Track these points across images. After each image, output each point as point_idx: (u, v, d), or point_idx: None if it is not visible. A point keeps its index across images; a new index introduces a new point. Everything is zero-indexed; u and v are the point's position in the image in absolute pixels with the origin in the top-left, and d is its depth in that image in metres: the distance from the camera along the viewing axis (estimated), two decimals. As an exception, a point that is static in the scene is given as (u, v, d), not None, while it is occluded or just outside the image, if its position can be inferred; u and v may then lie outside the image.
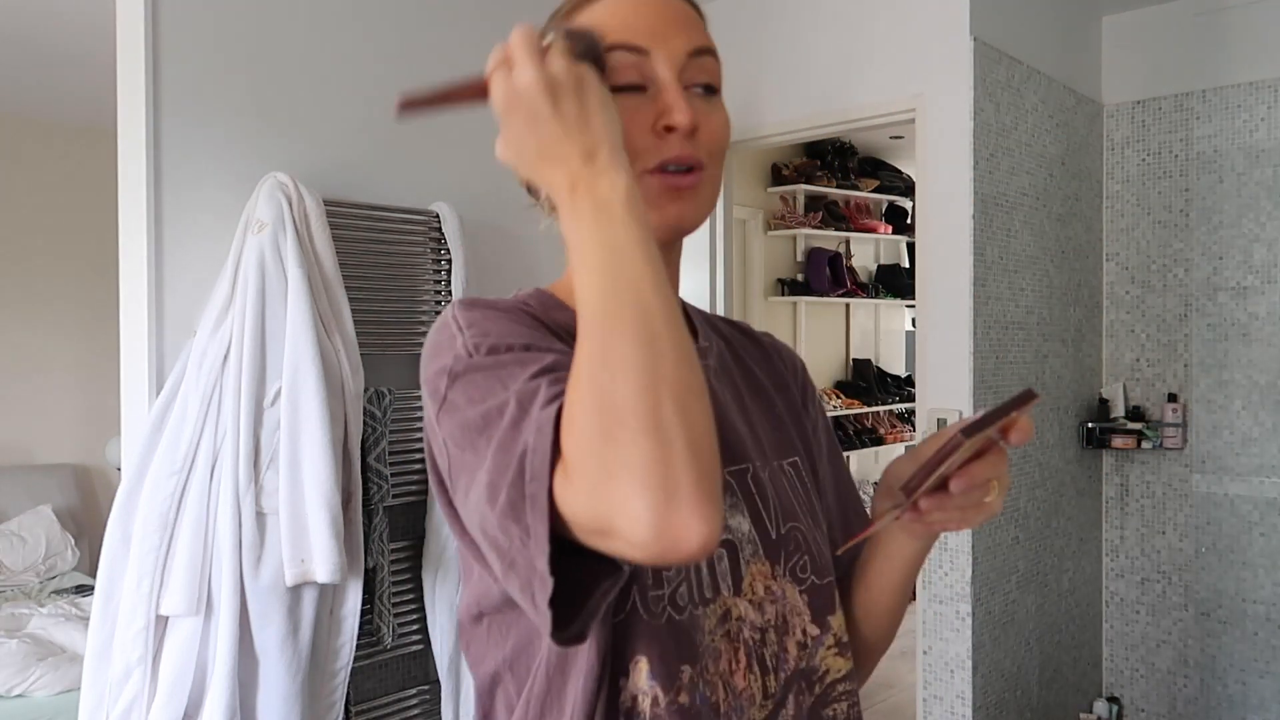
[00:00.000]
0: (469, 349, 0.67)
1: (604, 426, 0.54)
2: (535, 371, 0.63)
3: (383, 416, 2.21)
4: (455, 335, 0.69)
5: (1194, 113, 3.30)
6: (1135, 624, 3.42)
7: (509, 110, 0.63)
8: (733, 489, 0.77)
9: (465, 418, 0.64)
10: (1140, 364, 3.42)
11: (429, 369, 0.70)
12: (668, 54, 0.74)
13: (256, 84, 2.15)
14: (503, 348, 0.66)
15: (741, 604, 0.75)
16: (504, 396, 0.62)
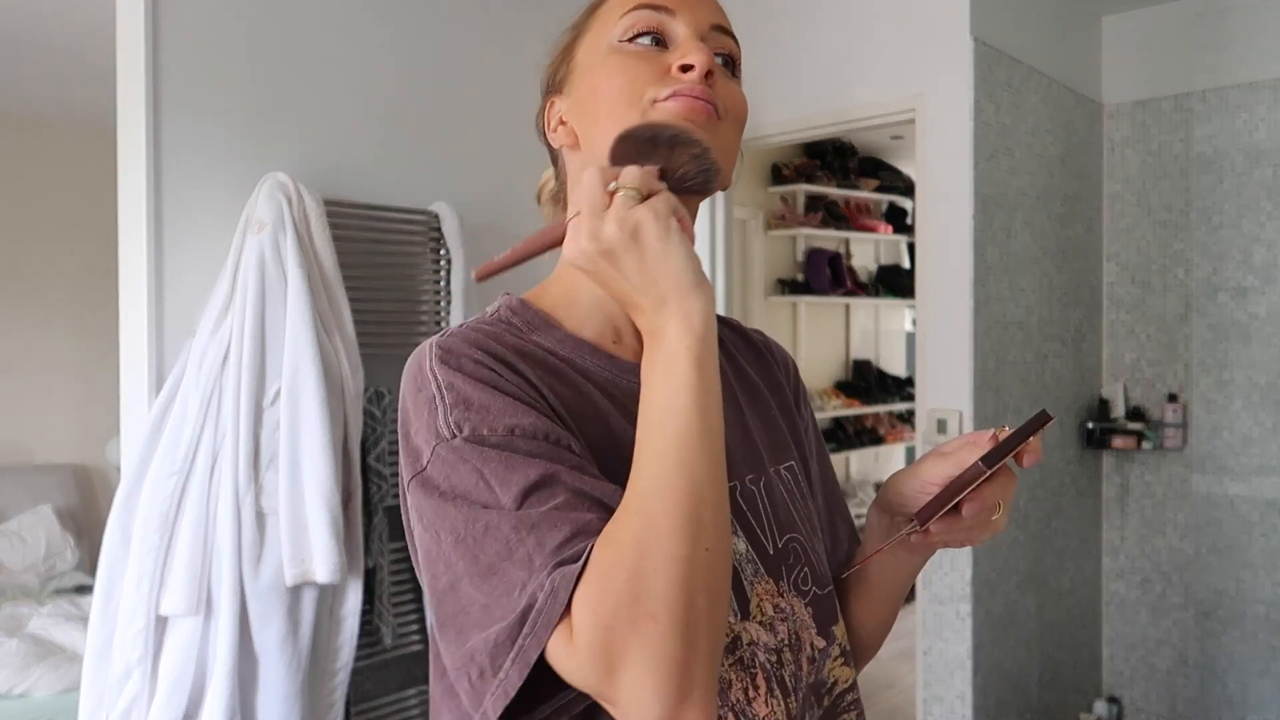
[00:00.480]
0: (450, 428, 0.64)
1: (632, 613, 0.54)
2: (525, 489, 0.61)
3: (383, 416, 2.21)
4: (435, 401, 0.65)
5: (1194, 113, 3.30)
6: (1135, 624, 3.42)
7: (582, 269, 0.65)
8: None
9: (451, 518, 0.62)
10: (1140, 364, 3.42)
11: (405, 424, 0.68)
12: (692, 19, 0.75)
13: (256, 84, 2.15)
14: (486, 436, 0.63)
15: (752, 628, 0.72)
16: (494, 517, 0.61)
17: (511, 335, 0.73)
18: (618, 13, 0.76)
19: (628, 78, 0.73)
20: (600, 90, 0.74)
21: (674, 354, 0.60)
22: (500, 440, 0.63)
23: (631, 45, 0.74)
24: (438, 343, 0.69)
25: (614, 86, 0.73)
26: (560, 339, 0.75)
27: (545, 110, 0.82)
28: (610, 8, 0.77)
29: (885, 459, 6.12)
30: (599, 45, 0.76)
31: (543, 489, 0.61)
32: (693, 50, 0.72)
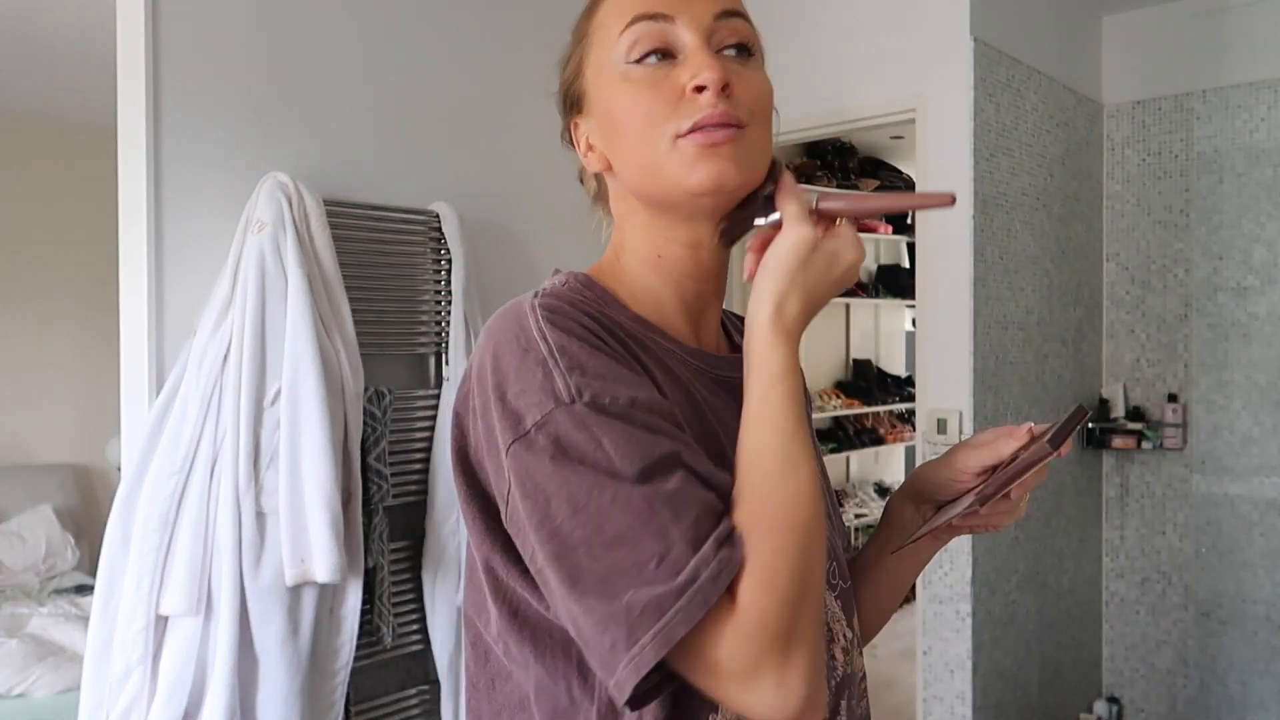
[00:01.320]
0: (570, 391, 0.63)
1: (802, 602, 0.60)
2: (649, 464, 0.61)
3: (383, 416, 2.21)
4: (549, 363, 0.64)
5: (1194, 113, 3.30)
6: (1135, 624, 3.42)
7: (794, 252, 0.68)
8: None
9: (570, 484, 0.61)
10: (1140, 364, 3.42)
11: (499, 385, 0.66)
12: (692, 18, 0.72)
13: (256, 84, 2.15)
14: (607, 405, 0.63)
15: None
16: (621, 487, 0.61)
17: (593, 307, 0.72)
18: (617, 27, 0.73)
19: (642, 113, 0.71)
20: (619, 124, 0.73)
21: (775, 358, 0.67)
22: (621, 410, 0.63)
23: (639, 68, 0.72)
24: (540, 304, 0.68)
25: (633, 123, 0.72)
26: (632, 318, 0.75)
27: (570, 129, 0.81)
28: (607, 19, 0.74)
29: (885, 459, 6.12)
30: (606, 64, 0.74)
31: (664, 466, 0.61)
32: (703, 66, 0.70)
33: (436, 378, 2.43)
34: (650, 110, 0.71)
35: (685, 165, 0.70)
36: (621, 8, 0.73)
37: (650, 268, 0.77)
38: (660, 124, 0.70)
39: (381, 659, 2.29)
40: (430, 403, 2.37)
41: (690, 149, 0.70)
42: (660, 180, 0.72)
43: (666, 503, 0.60)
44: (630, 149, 0.73)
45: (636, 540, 0.59)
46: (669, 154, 0.70)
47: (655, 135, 0.70)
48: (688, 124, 0.69)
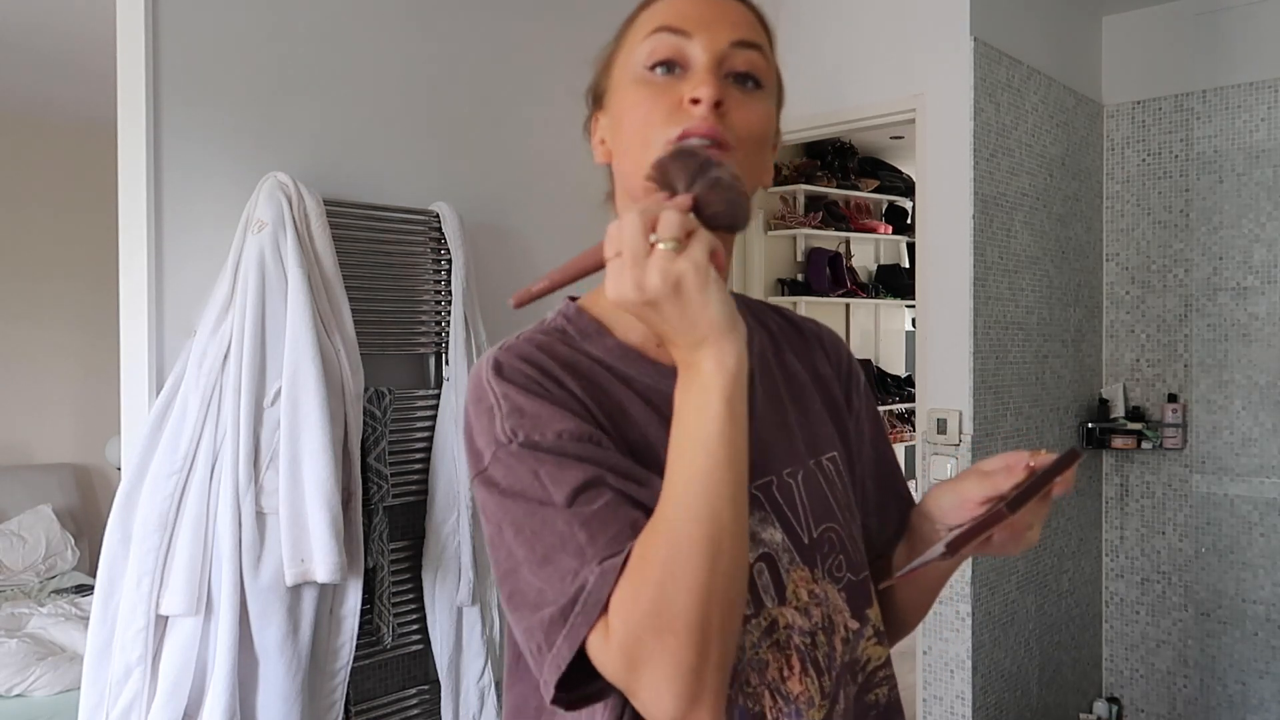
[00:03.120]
0: (507, 433, 0.71)
1: (656, 625, 0.62)
2: (575, 489, 0.68)
3: (383, 416, 2.21)
4: (494, 411, 0.72)
5: (1194, 113, 3.30)
6: (1135, 624, 3.42)
7: (624, 309, 0.67)
8: (760, 503, 0.79)
9: (511, 511, 0.70)
10: (1140, 364, 3.42)
11: (468, 429, 0.75)
12: (709, 40, 0.76)
13: (257, 84, 2.15)
14: (538, 441, 0.70)
15: (789, 612, 0.78)
16: (549, 513, 0.68)
17: (564, 345, 0.79)
18: (643, 33, 0.78)
19: (641, 115, 0.76)
20: (623, 123, 0.79)
21: (707, 389, 0.65)
22: (551, 444, 0.70)
23: (651, 75, 0.77)
24: (494, 356, 0.76)
25: (632, 123, 0.77)
26: (609, 347, 0.80)
27: (591, 122, 0.86)
28: (639, 25, 0.80)
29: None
30: (627, 66, 0.79)
31: (591, 489, 0.68)
32: (701, 82, 0.74)
33: (436, 378, 2.43)
34: (649, 113, 0.76)
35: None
36: (651, 17, 0.78)
37: None
38: (655, 128, 0.75)
39: (381, 659, 2.29)
40: (430, 403, 2.37)
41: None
42: (639, 180, 0.74)
43: (586, 523, 0.67)
44: (626, 146, 0.78)
45: (559, 558, 0.67)
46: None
47: (649, 138, 0.75)
48: (676, 131, 0.74)
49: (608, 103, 0.83)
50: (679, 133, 0.73)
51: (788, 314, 0.97)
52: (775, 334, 0.92)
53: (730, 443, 0.65)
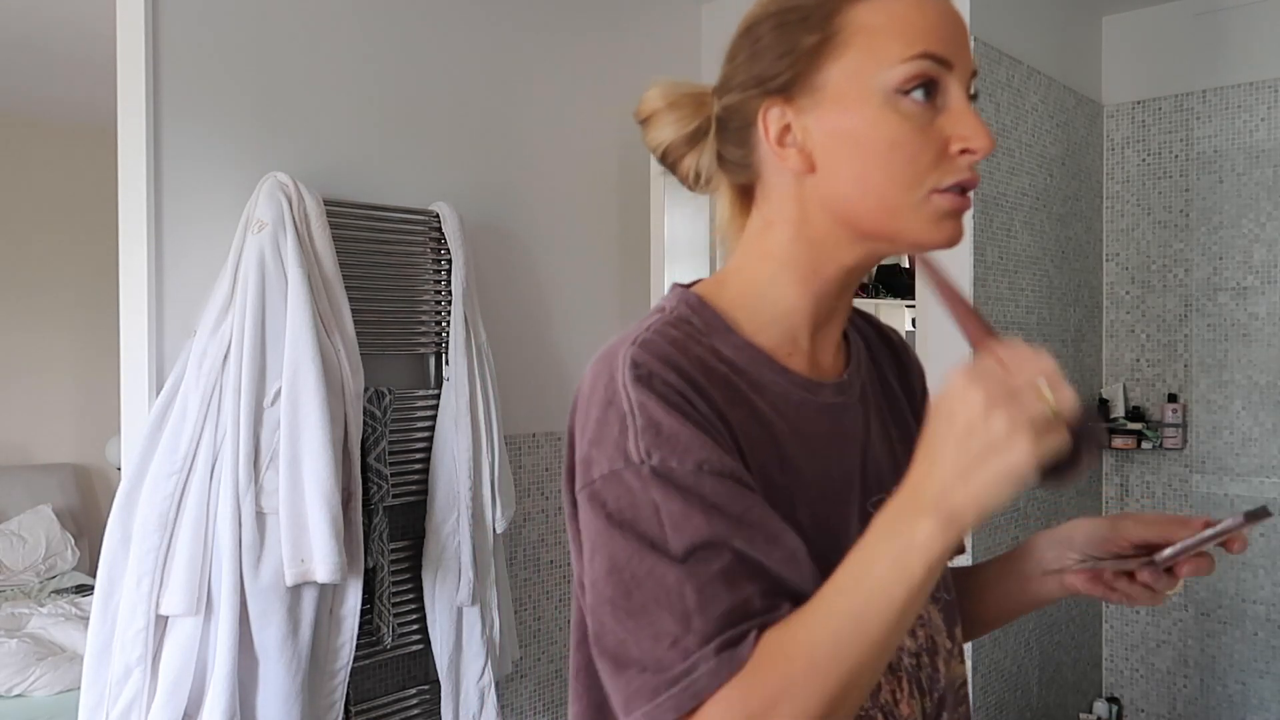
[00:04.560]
0: (640, 452, 0.65)
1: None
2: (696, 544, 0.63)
3: (383, 416, 2.21)
4: (627, 421, 0.66)
5: (1194, 113, 3.30)
6: (1135, 624, 3.42)
7: (956, 421, 0.59)
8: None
9: (614, 545, 0.65)
10: (1140, 364, 3.42)
11: (583, 427, 0.69)
12: (963, 71, 0.71)
13: (256, 84, 2.15)
14: (674, 468, 0.64)
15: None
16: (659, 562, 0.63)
17: (696, 342, 0.73)
18: (897, 49, 0.69)
19: (908, 155, 0.69)
20: (870, 149, 0.70)
21: (915, 549, 0.59)
22: (686, 476, 0.64)
23: (907, 102, 0.69)
24: (633, 356, 0.68)
25: (894, 160, 0.69)
26: (738, 346, 0.75)
27: (761, 113, 0.74)
28: (883, 31, 0.69)
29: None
30: (867, 79, 0.69)
31: (711, 548, 0.63)
32: (976, 131, 0.69)
33: (436, 378, 2.43)
34: (915, 156, 0.69)
35: (932, 221, 0.70)
36: (906, 30, 0.69)
37: (797, 281, 0.76)
38: (923, 174, 0.69)
39: (381, 659, 2.29)
40: (430, 403, 2.37)
41: (943, 206, 0.70)
42: (896, 222, 0.71)
43: (699, 588, 0.62)
44: (875, 180, 0.70)
45: (658, 616, 0.62)
46: (920, 205, 0.70)
47: (913, 182, 0.69)
48: (949, 182, 0.70)
49: (809, 101, 0.72)
50: (951, 184, 0.69)
51: (875, 322, 0.93)
52: (870, 344, 0.89)
53: (908, 613, 0.60)
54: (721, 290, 0.78)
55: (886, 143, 0.69)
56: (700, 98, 0.81)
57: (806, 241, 0.75)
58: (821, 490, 0.74)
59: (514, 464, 2.62)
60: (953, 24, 0.71)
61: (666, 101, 0.82)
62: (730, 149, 0.78)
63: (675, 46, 3.17)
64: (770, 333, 0.76)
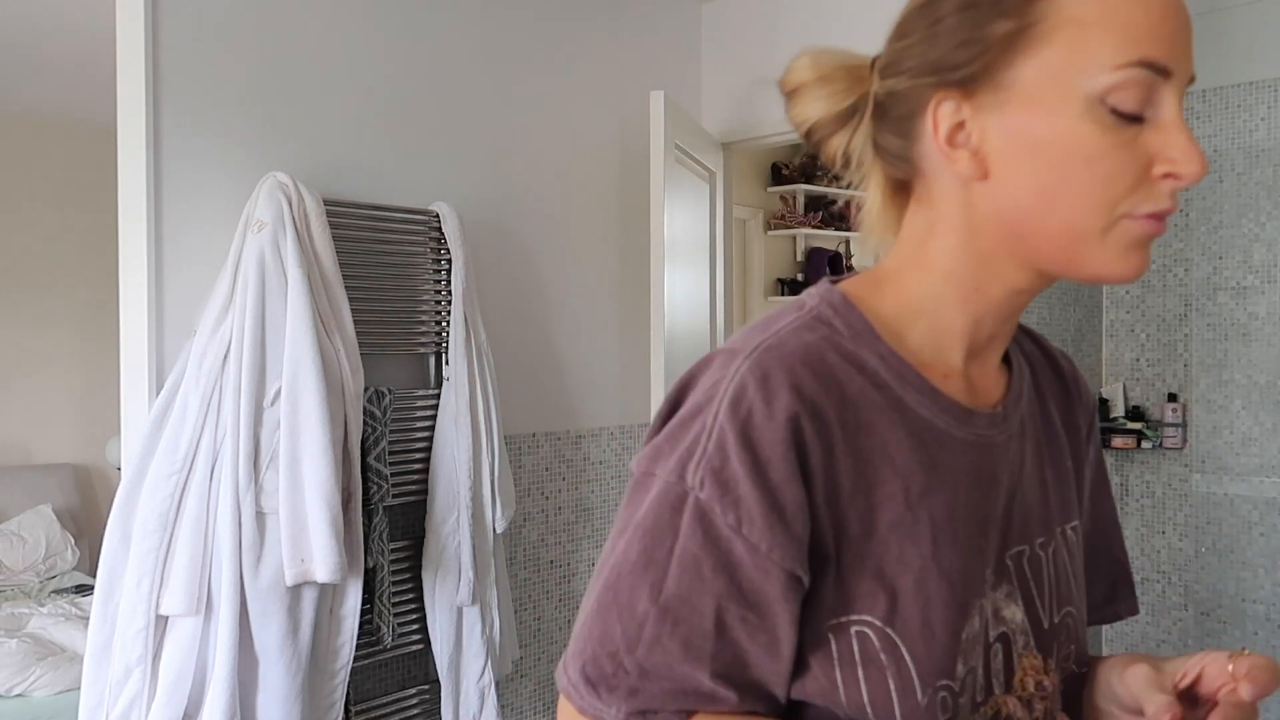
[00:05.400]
0: (693, 479, 0.61)
1: None
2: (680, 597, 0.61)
3: (383, 416, 2.21)
4: (699, 442, 0.62)
5: (1194, 113, 3.30)
6: (1135, 624, 3.42)
7: None
8: (1009, 575, 0.69)
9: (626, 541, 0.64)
10: (1140, 364, 3.42)
11: (670, 425, 0.65)
12: (1181, 80, 0.62)
13: (256, 84, 2.15)
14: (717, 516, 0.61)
15: (1011, 701, 0.68)
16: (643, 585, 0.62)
17: (834, 352, 0.66)
18: (1111, 52, 0.59)
19: (1104, 175, 0.60)
20: (1061, 162, 0.61)
21: None
22: (724, 527, 0.60)
23: (1115, 119, 0.60)
24: (747, 370, 0.63)
25: (1087, 178, 0.61)
26: (884, 356, 0.67)
27: (933, 105, 0.65)
28: (1096, 24, 0.60)
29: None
30: (1070, 80, 0.60)
31: (698, 608, 0.61)
32: (1189, 154, 0.61)
33: (436, 378, 2.43)
34: (1112, 177, 0.61)
35: (1120, 250, 0.62)
36: (1126, 28, 0.60)
37: (956, 297, 0.68)
38: (1118, 198, 0.61)
39: (381, 659, 2.29)
40: (430, 403, 2.37)
41: (1134, 233, 0.62)
42: (1079, 247, 0.63)
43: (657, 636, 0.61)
44: (1063, 197, 0.62)
45: (618, 624, 0.62)
46: (1107, 230, 0.62)
47: (1105, 205, 0.61)
48: (1145, 209, 0.61)
49: (994, 98, 0.63)
50: (1147, 211, 0.61)
51: (1043, 344, 0.82)
52: (1035, 365, 0.79)
53: None
54: (875, 293, 0.70)
55: (1083, 157, 0.60)
56: (857, 72, 0.71)
57: (973, 256, 0.67)
58: (951, 533, 0.66)
59: (514, 464, 2.62)
60: (1177, 22, 0.61)
61: (817, 74, 0.71)
62: (888, 137, 0.68)
63: (675, 46, 3.17)
64: (924, 349, 0.69)
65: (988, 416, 0.70)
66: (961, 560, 0.66)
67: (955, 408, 0.68)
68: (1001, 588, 0.68)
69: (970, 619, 0.66)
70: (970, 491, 0.67)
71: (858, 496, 0.63)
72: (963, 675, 0.65)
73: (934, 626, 0.64)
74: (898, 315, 0.69)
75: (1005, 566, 0.69)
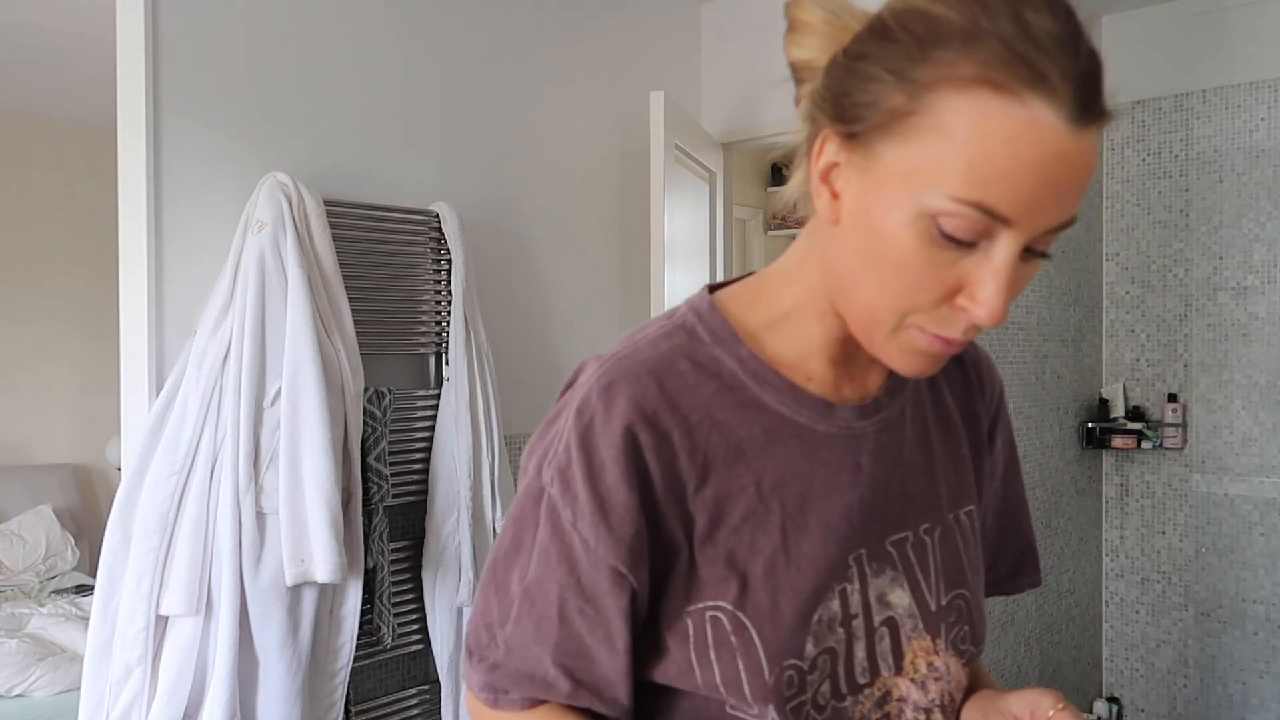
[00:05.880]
0: (543, 478, 0.69)
1: None
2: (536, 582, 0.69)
3: (383, 416, 2.21)
4: (554, 442, 0.69)
5: (1194, 113, 3.30)
6: (1135, 624, 3.42)
7: None
8: (893, 561, 0.72)
9: (503, 538, 0.73)
10: (1140, 364, 3.42)
11: (536, 438, 0.72)
12: (1028, 231, 0.59)
13: (256, 84, 2.15)
14: (561, 516, 0.68)
15: (903, 683, 0.72)
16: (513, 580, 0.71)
17: (687, 359, 0.69)
18: (953, 181, 0.57)
19: (908, 284, 0.61)
20: (880, 253, 0.61)
21: None
22: (565, 529, 0.67)
23: (941, 239, 0.59)
24: (594, 382, 0.68)
25: (889, 283, 0.62)
26: (743, 359, 0.70)
27: (819, 142, 0.64)
28: (956, 147, 0.57)
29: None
30: (914, 185, 0.59)
31: (547, 593, 0.68)
32: (989, 301, 0.60)
33: (436, 378, 2.43)
34: (913, 289, 0.61)
35: (900, 350, 0.65)
36: (979, 165, 0.56)
37: (818, 313, 0.71)
38: (913, 309, 0.62)
39: (381, 659, 2.29)
40: (430, 403, 2.37)
41: (919, 344, 0.64)
42: (869, 330, 0.66)
43: (522, 613, 0.69)
44: (867, 286, 0.63)
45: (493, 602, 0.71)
46: (895, 330, 0.64)
47: (898, 310, 0.63)
48: (934, 330, 0.63)
49: (864, 154, 0.62)
50: (935, 334, 0.63)
51: None
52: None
53: None
54: (753, 299, 0.73)
55: (894, 261, 0.61)
56: (852, 33, 0.64)
57: (821, 292, 0.70)
58: (803, 521, 0.69)
59: (514, 464, 2.62)
60: (1046, 177, 0.57)
61: (823, 21, 0.66)
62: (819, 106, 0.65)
63: (675, 46, 3.17)
64: (788, 354, 0.72)
65: (854, 409, 0.72)
66: (816, 547, 0.69)
67: (815, 403, 0.71)
68: (885, 573, 0.72)
69: (826, 602, 0.69)
70: (828, 481, 0.70)
71: (705, 492, 0.67)
72: (813, 655, 0.68)
73: (782, 609, 0.67)
74: (768, 322, 0.72)
75: (887, 552, 0.72)
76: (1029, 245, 0.60)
